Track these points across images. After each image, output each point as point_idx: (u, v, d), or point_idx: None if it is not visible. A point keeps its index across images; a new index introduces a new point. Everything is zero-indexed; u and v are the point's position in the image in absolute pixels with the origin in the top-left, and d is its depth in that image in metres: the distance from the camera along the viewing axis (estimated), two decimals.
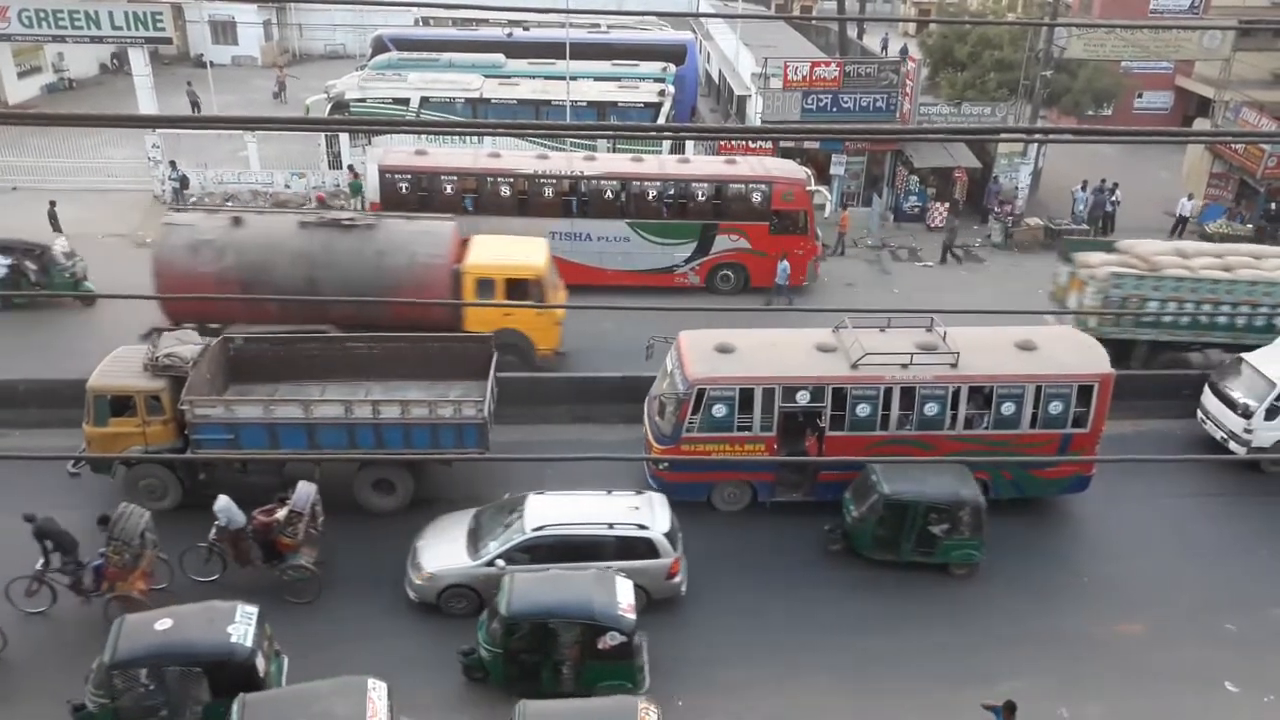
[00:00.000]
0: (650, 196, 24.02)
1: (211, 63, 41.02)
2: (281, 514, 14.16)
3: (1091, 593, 15.30)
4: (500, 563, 13.69)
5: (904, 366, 15.69)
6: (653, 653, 13.58)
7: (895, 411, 15.80)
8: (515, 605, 12.36)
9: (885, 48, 48.98)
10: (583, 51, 33.32)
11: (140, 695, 11.40)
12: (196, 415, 15.07)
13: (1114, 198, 30.12)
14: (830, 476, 16.29)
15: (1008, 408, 15.89)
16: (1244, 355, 18.58)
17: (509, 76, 32.72)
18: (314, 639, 13.51)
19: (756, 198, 24.07)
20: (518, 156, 24.60)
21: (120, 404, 15.41)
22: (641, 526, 14.09)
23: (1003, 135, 30.96)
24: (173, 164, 28.84)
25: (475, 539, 14.34)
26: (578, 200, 23.95)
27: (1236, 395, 18.17)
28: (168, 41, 30.70)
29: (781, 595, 14.92)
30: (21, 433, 17.54)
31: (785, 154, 27.64)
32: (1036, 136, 29.52)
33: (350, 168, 28.71)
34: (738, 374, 15.73)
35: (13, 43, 33.78)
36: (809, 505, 16.41)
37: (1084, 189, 30.32)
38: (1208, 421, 18.80)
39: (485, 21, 40.01)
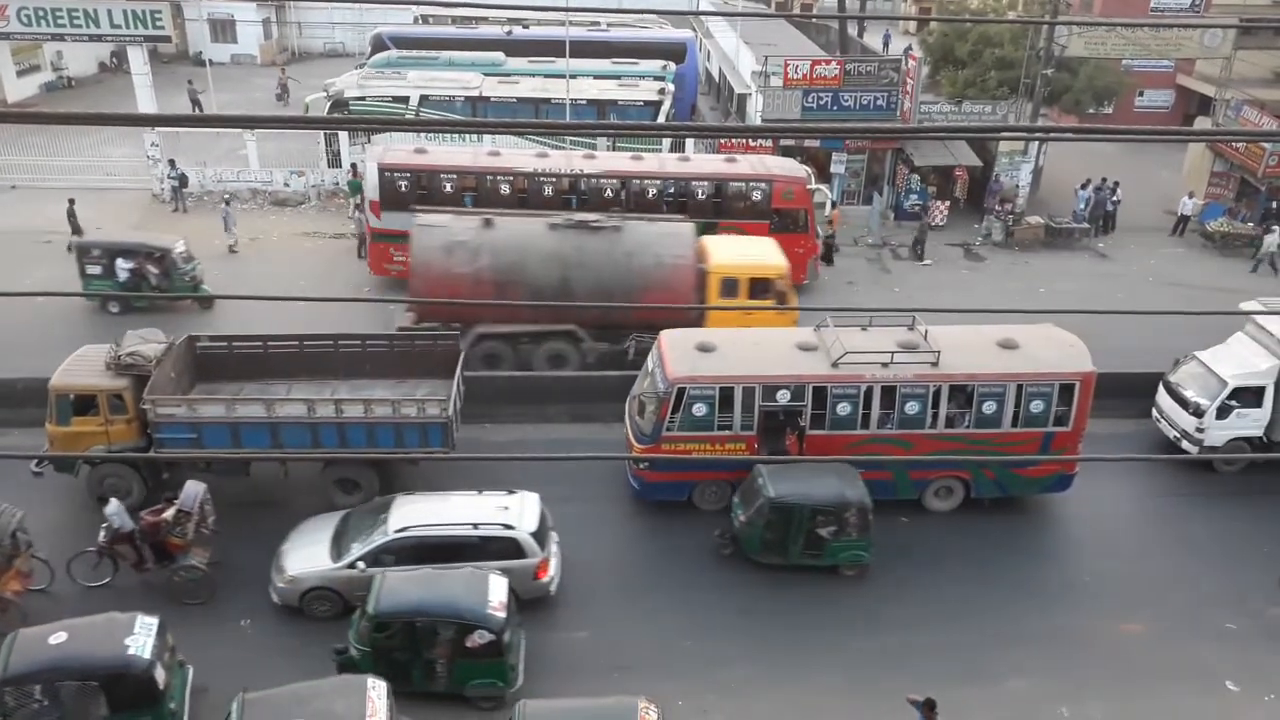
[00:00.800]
0: (650, 195, 23.96)
1: (210, 61, 40.94)
2: (169, 514, 13.95)
3: (1092, 592, 15.27)
4: (361, 565, 13.53)
5: (884, 365, 15.63)
6: (652, 653, 13.59)
7: (876, 410, 15.73)
8: (383, 604, 12.33)
9: (887, 45, 48.96)
10: (582, 50, 33.30)
11: (34, 712, 11.07)
12: (159, 414, 15.03)
13: (1115, 196, 30.07)
14: None
15: (989, 406, 15.81)
16: (1197, 353, 18.44)
17: (508, 75, 32.69)
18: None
19: (757, 196, 24.02)
20: (517, 155, 24.56)
21: (83, 403, 15.37)
22: (507, 526, 13.92)
23: (1003, 134, 30.97)
24: (172, 162, 28.81)
25: (340, 542, 14.20)
26: (577, 198, 23.89)
27: (1189, 394, 18.07)
28: (167, 40, 30.62)
29: (778, 595, 14.88)
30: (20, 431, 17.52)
31: (785, 152, 27.60)
32: (1037, 135, 29.46)
33: (353, 166, 28.67)
34: (718, 373, 15.65)
35: (12, 41, 33.74)
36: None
37: (1085, 188, 30.27)
38: (1162, 421, 18.71)
39: (485, 20, 39.98)
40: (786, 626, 14.34)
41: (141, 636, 11.50)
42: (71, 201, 25.76)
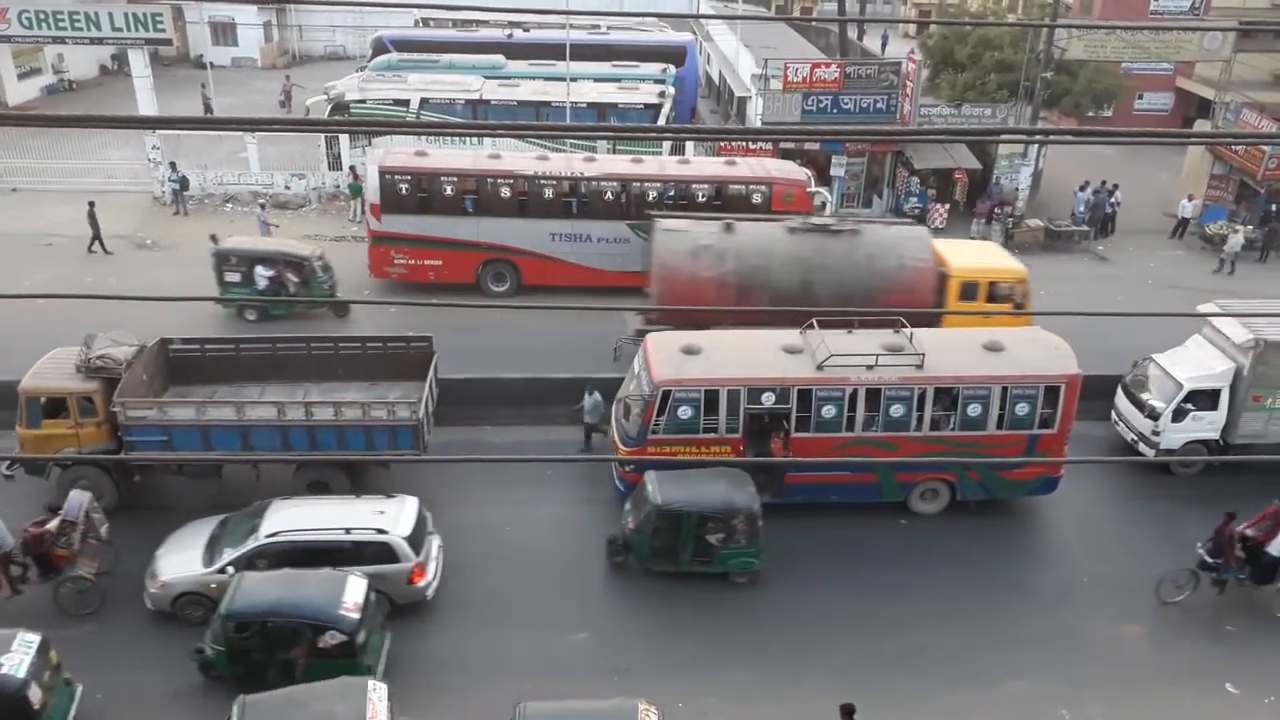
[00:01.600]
0: (650, 198, 23.99)
1: (211, 64, 41.08)
2: (53, 525, 13.71)
3: (1091, 593, 15.27)
4: (231, 570, 13.44)
5: (869, 368, 15.58)
6: (652, 655, 13.59)
7: (861, 413, 15.70)
8: (236, 604, 12.33)
9: (885, 46, 49.08)
10: (582, 53, 33.35)
11: None
12: (129, 417, 15.03)
13: (1114, 199, 30.10)
14: (797, 479, 16.23)
15: (974, 409, 15.76)
16: (1154, 356, 18.41)
17: (509, 78, 32.74)
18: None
19: (757, 199, 24.04)
20: (518, 158, 24.58)
21: (54, 406, 15.36)
22: (380, 531, 13.85)
23: (1003, 136, 30.98)
24: (173, 165, 28.85)
25: (214, 546, 14.10)
26: (578, 201, 23.93)
27: (1145, 397, 18.05)
28: (168, 43, 30.72)
29: (778, 598, 14.89)
30: None
31: (785, 155, 27.64)
32: (1037, 138, 29.53)
33: (352, 169, 28.71)
34: (703, 375, 15.62)
35: (13, 44, 33.76)
36: (774, 507, 16.21)
37: (1084, 190, 30.30)
38: (1120, 424, 18.68)
39: (485, 23, 40.03)
40: (787, 629, 14.33)
41: (18, 655, 11.26)
42: (92, 204, 25.72)
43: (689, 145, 27.86)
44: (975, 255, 21.37)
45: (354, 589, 12.60)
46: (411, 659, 13.42)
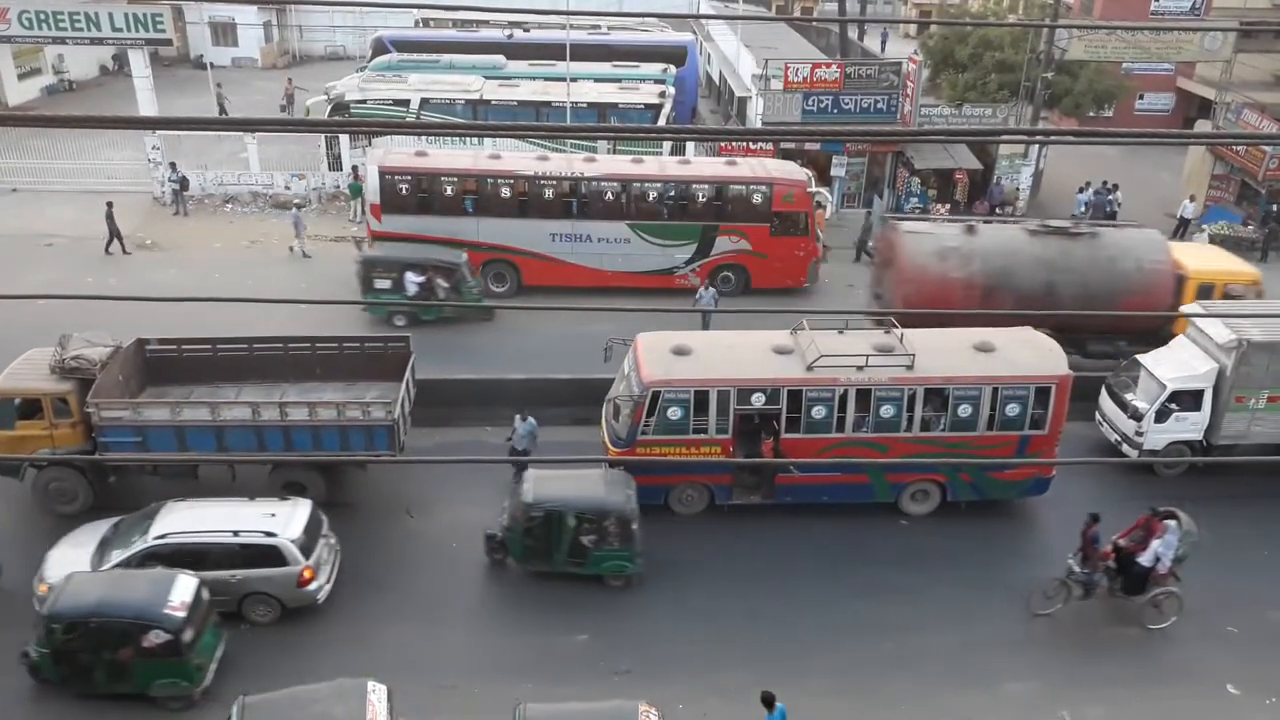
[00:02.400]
0: (651, 198, 23.99)
1: (211, 64, 41.03)
2: None
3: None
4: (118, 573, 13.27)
5: (859, 368, 15.50)
6: (652, 656, 13.56)
7: (851, 414, 15.62)
8: (60, 605, 12.22)
9: (885, 44, 49.11)
10: (583, 53, 33.32)
11: None
12: (103, 418, 14.97)
13: (1116, 199, 30.08)
14: (788, 479, 16.13)
15: (964, 409, 15.70)
16: (1139, 356, 18.33)
17: (509, 78, 32.72)
18: None
19: (757, 199, 24.04)
20: (518, 158, 24.58)
21: (28, 407, 15.33)
22: (269, 534, 13.76)
23: (1004, 137, 30.97)
24: (173, 165, 28.84)
25: (104, 548, 13.96)
26: (578, 202, 23.92)
27: (1129, 397, 17.95)
28: (168, 43, 30.72)
29: (779, 598, 14.87)
30: None
31: (786, 155, 27.63)
32: (1038, 138, 29.51)
33: (354, 169, 28.69)
34: (693, 376, 15.52)
35: (13, 44, 33.76)
36: (769, 508, 16.31)
37: (1084, 191, 30.27)
38: (1104, 424, 18.59)
39: (485, 23, 40.02)
40: (787, 630, 14.31)
41: None
42: (110, 205, 25.70)
43: (689, 145, 27.84)
44: (1208, 258, 21.41)
45: (182, 588, 12.51)
46: (411, 659, 13.41)
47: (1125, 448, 17.95)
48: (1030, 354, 16.29)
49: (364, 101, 30.27)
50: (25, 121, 22.85)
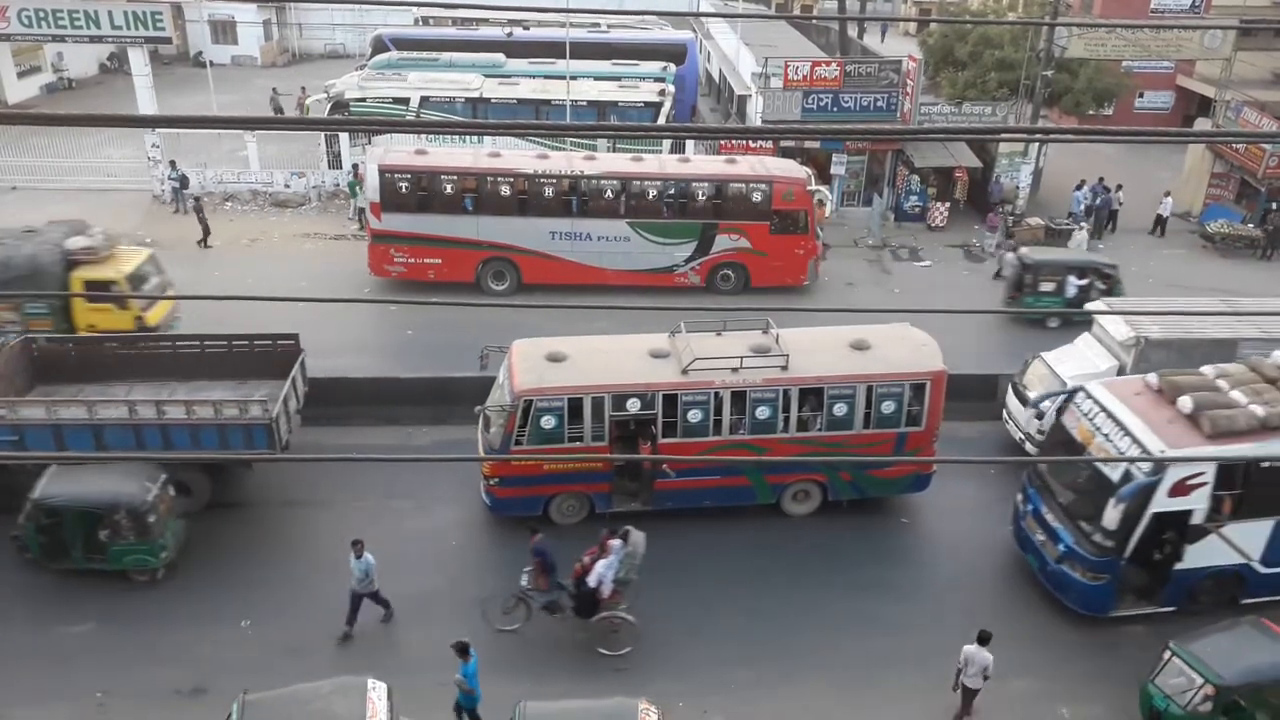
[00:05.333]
0: (650, 196, 23.99)
1: (211, 62, 40.99)
2: None
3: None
4: None
5: (734, 370, 15.29)
6: (652, 654, 13.56)
7: (727, 416, 15.45)
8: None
9: (884, 35, 49.26)
10: (583, 51, 33.31)
11: None
12: None
13: (1118, 197, 30.09)
14: (667, 485, 15.93)
15: (840, 408, 15.58)
16: (1043, 354, 18.19)
17: (509, 76, 32.70)
18: None
19: (757, 197, 24.04)
20: (518, 156, 24.57)
21: None
22: None
23: (1003, 135, 30.97)
24: (172, 164, 28.84)
25: None
26: (578, 200, 23.92)
27: (1031, 394, 17.79)
28: (167, 41, 30.64)
29: (779, 596, 14.90)
30: None
31: (786, 154, 27.62)
32: (1037, 136, 29.50)
33: (354, 167, 28.68)
34: (566, 383, 15.19)
35: (12, 42, 33.77)
36: (681, 513, 16.04)
37: (1080, 189, 30.27)
38: (1009, 422, 18.48)
39: (485, 21, 39.99)
40: (788, 628, 14.33)
41: None
42: (198, 199, 26.82)
43: (689, 144, 27.84)
44: None
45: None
46: (411, 658, 13.42)
47: (1029, 446, 17.77)
48: (905, 350, 16.16)
49: (363, 100, 30.27)
50: (25, 120, 22.84)
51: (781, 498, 16.43)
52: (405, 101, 30.20)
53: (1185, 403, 13.94)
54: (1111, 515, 13.50)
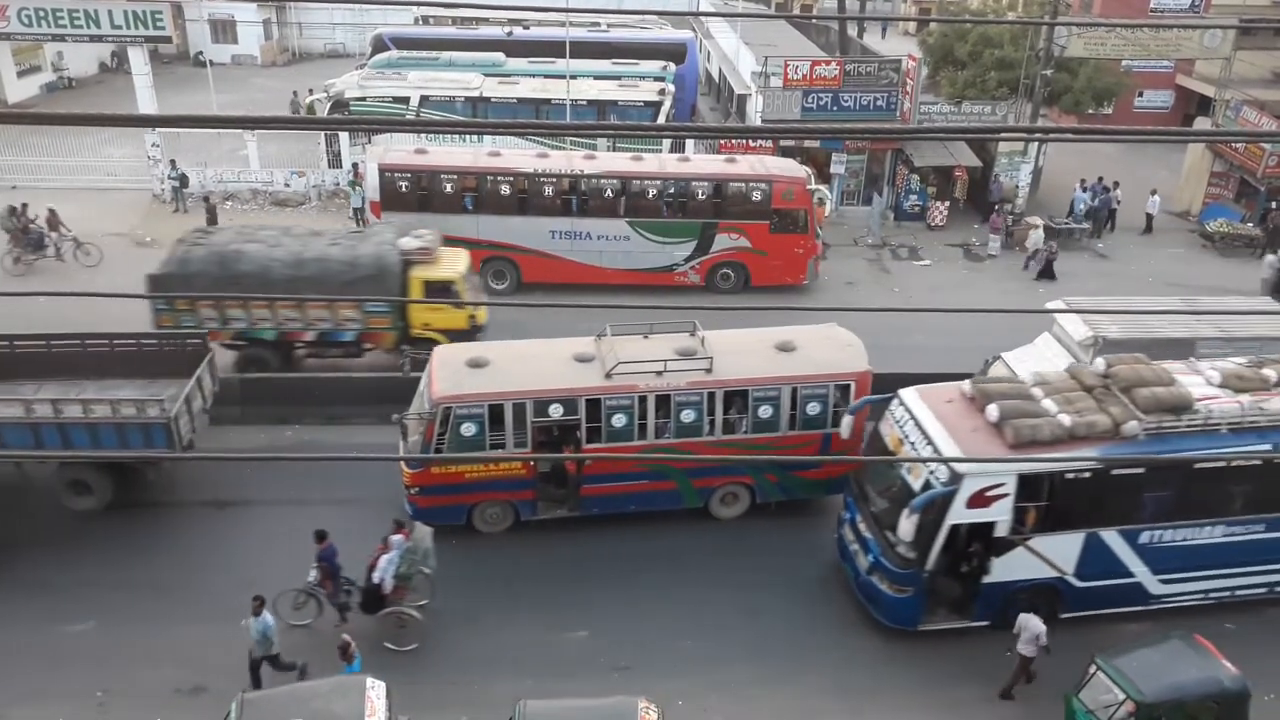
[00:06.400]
0: (650, 195, 23.99)
1: (211, 62, 40.99)
2: None
3: None
4: None
5: (658, 374, 15.12)
6: (652, 653, 13.57)
7: (651, 420, 15.25)
8: None
9: (885, 32, 49.32)
10: (583, 50, 33.32)
11: None
12: None
13: (1116, 196, 30.11)
14: (594, 490, 15.71)
15: (765, 410, 15.45)
16: (1003, 354, 17.96)
17: (509, 75, 32.71)
18: None
19: (757, 196, 24.05)
20: (518, 155, 24.57)
21: None
22: None
23: (1003, 134, 30.96)
24: (172, 163, 28.84)
25: None
26: (577, 199, 23.93)
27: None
28: (167, 40, 30.61)
29: (780, 595, 14.92)
30: None
31: (785, 153, 27.62)
32: (1037, 135, 29.49)
33: (354, 166, 28.67)
34: (485, 390, 14.92)
35: (12, 42, 33.76)
36: (606, 519, 15.92)
37: (1083, 188, 30.28)
38: None
39: (485, 20, 40.01)
40: (788, 627, 14.34)
41: None
42: (209, 199, 26.79)
43: (689, 143, 27.84)
44: None
45: None
46: (411, 658, 13.44)
47: None
48: (831, 351, 16.09)
49: (363, 99, 30.28)
50: (25, 119, 22.90)
51: (709, 501, 16.26)
52: (405, 101, 30.21)
53: (991, 411, 13.45)
54: (905, 526, 12.98)
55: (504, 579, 15.07)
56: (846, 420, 15.17)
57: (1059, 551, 13.74)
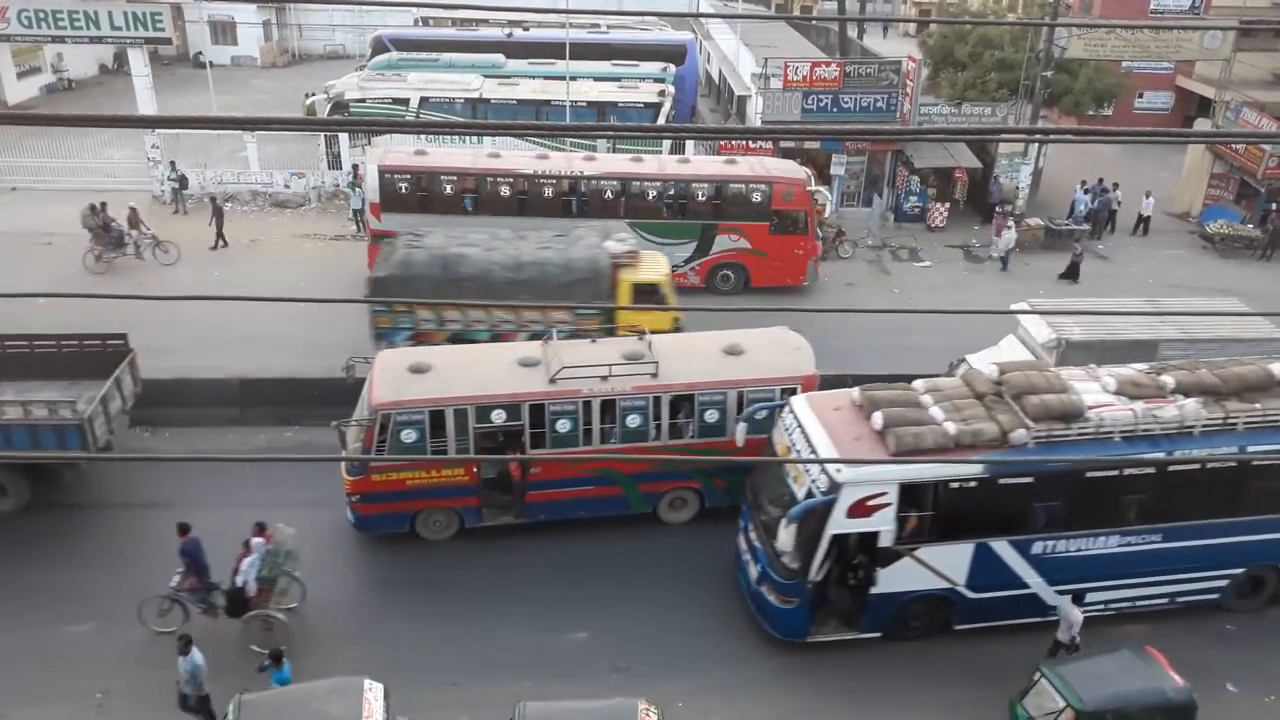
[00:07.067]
0: (650, 197, 23.98)
1: (211, 63, 41.01)
2: None
3: None
4: None
5: (604, 379, 14.95)
6: (652, 654, 13.55)
7: (597, 426, 15.10)
8: None
9: (886, 32, 49.40)
10: (582, 51, 33.34)
11: None
12: None
13: (1116, 197, 30.09)
14: (540, 496, 15.56)
15: (711, 415, 15.27)
16: (967, 356, 17.71)
17: (509, 76, 32.74)
18: None
19: (757, 198, 24.03)
20: (517, 157, 24.55)
21: None
22: None
23: (1003, 135, 30.94)
24: (172, 164, 28.83)
25: None
26: (577, 200, 23.91)
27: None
28: (167, 42, 30.65)
29: None
30: None
31: (785, 154, 27.62)
32: (1037, 137, 29.50)
33: (354, 168, 28.68)
34: (426, 396, 14.67)
35: (12, 43, 33.76)
36: (530, 527, 15.79)
37: (1083, 190, 30.27)
38: None
39: (485, 21, 40.04)
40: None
41: None
42: (214, 199, 26.87)
43: (689, 144, 27.83)
44: None
45: None
46: (410, 658, 13.42)
47: None
48: (779, 355, 15.94)
49: (363, 100, 30.29)
50: (25, 120, 22.79)
51: (658, 506, 16.07)
52: (405, 102, 30.22)
53: (876, 419, 13.20)
54: (784, 536, 12.76)
55: (504, 580, 15.05)
56: (740, 427, 14.99)
57: (949, 562, 13.40)
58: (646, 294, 19.53)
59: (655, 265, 20.27)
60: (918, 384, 14.37)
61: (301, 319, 20.53)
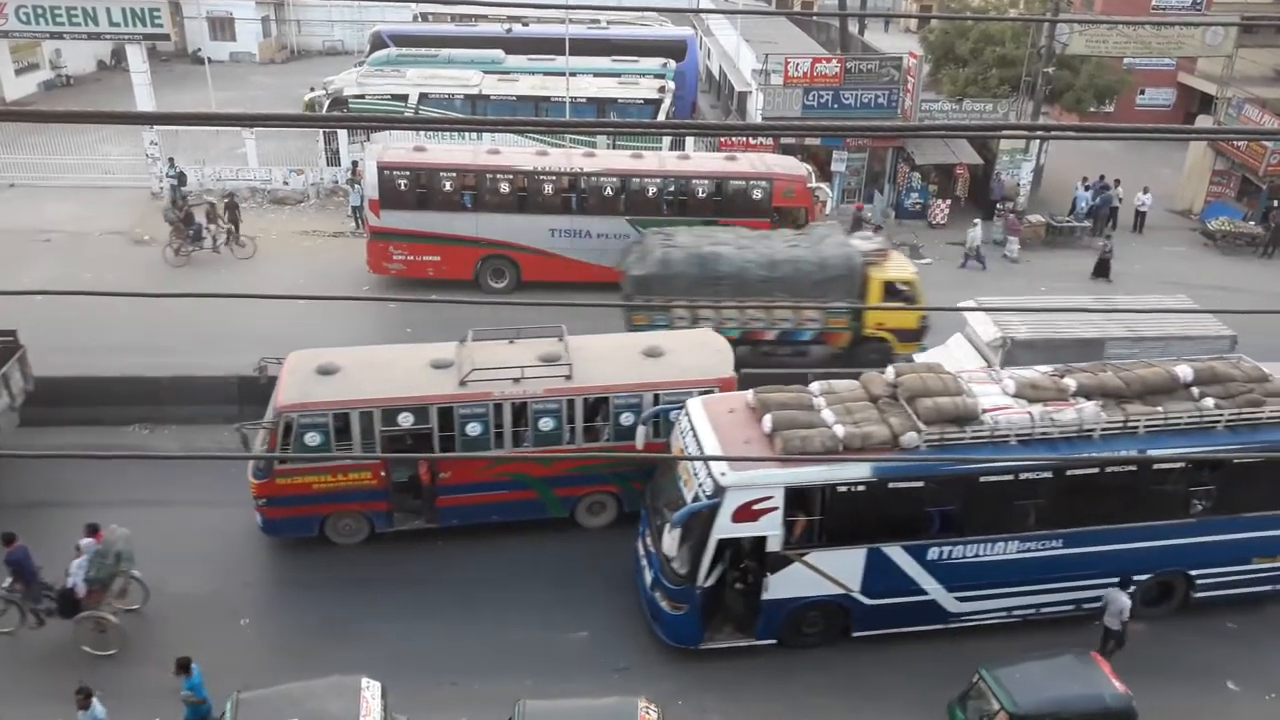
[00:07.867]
0: (650, 193, 23.90)
1: (209, 59, 40.87)
2: None
3: None
4: None
5: (516, 381, 14.72)
6: (651, 653, 13.50)
7: (509, 429, 14.85)
8: None
9: (887, 27, 49.39)
10: (582, 47, 33.27)
11: None
12: None
13: (1117, 194, 30.03)
14: (451, 500, 15.31)
15: (627, 418, 14.99)
16: (915, 356, 17.57)
17: (508, 73, 32.65)
18: None
19: (757, 194, 23.96)
20: (517, 153, 24.49)
21: None
22: None
23: (1005, 132, 30.89)
24: (170, 161, 28.75)
25: None
26: (577, 197, 23.84)
27: None
28: (165, 38, 30.56)
29: None
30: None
31: (786, 151, 27.54)
32: (1039, 133, 29.43)
33: (353, 164, 28.60)
34: (331, 398, 14.37)
35: (10, 39, 33.65)
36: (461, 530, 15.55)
37: (1084, 187, 30.20)
38: None
39: (484, 18, 39.92)
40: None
41: None
42: (231, 196, 26.79)
43: (689, 140, 27.76)
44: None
45: None
46: (412, 655, 13.37)
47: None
48: (699, 357, 15.71)
49: (362, 96, 30.22)
50: (23, 117, 22.87)
51: (575, 510, 15.81)
52: (404, 98, 30.15)
53: (766, 422, 12.96)
54: (667, 541, 12.51)
55: (503, 580, 15.00)
56: (640, 430, 14.81)
57: (841, 568, 13.15)
58: (898, 292, 19.50)
59: (903, 263, 20.41)
60: (814, 386, 14.14)
61: (304, 316, 20.47)
